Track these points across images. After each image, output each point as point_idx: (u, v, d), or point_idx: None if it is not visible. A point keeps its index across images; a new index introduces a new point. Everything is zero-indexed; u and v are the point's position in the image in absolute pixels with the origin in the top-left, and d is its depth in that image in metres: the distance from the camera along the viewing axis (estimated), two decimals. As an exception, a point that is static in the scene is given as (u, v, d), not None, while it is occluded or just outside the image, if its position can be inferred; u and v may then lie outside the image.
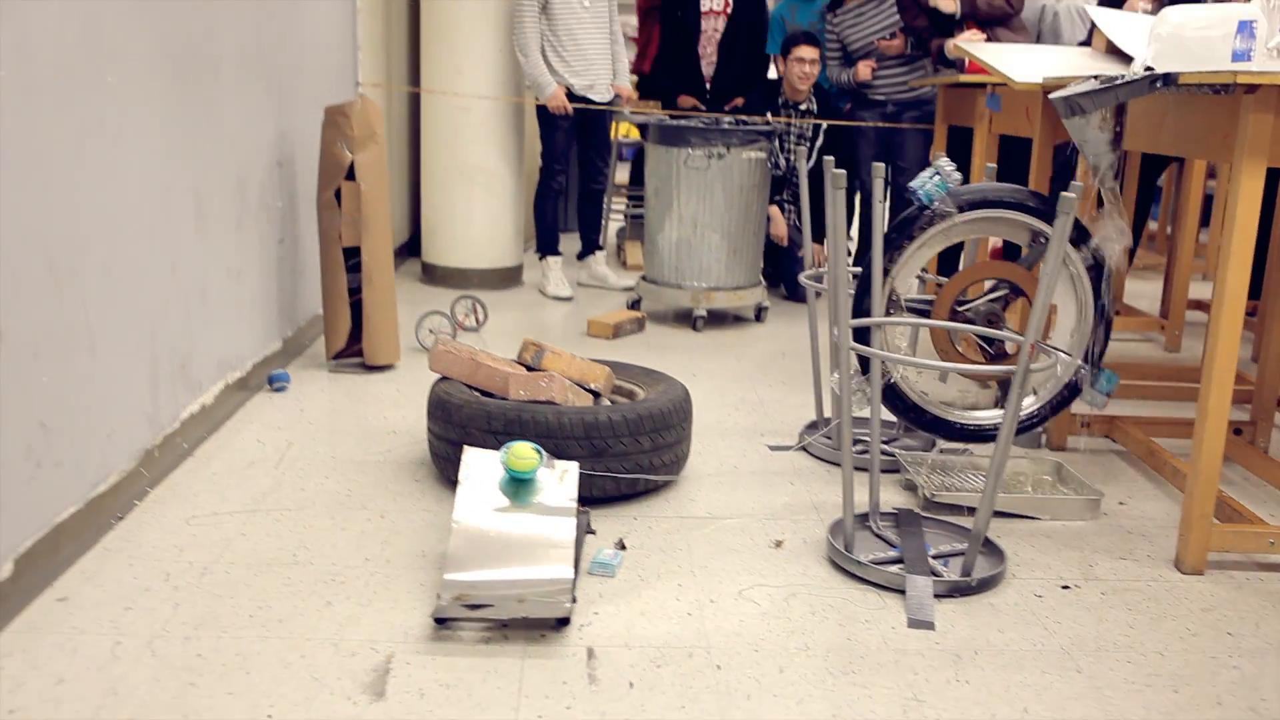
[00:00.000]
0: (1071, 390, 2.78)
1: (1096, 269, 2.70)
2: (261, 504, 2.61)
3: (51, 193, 2.18)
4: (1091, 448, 3.24)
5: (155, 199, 2.67)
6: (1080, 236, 2.70)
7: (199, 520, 2.51)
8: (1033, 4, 4.75)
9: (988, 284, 2.96)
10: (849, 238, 4.90)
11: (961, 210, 2.66)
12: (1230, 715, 1.87)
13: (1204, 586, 2.36)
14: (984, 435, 2.88)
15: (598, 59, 5.02)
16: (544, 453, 2.32)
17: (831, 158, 2.92)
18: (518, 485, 2.30)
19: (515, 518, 2.22)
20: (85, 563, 2.27)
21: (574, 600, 2.12)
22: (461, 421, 2.63)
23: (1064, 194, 1.98)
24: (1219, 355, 2.29)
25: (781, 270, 5.31)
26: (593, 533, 2.38)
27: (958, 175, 2.63)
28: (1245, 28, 2.34)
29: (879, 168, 2.40)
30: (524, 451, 2.30)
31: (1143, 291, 5.84)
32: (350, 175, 3.60)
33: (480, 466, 2.33)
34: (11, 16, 2.01)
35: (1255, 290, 4.04)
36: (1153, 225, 7.39)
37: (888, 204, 5.07)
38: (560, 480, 2.32)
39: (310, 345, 4.06)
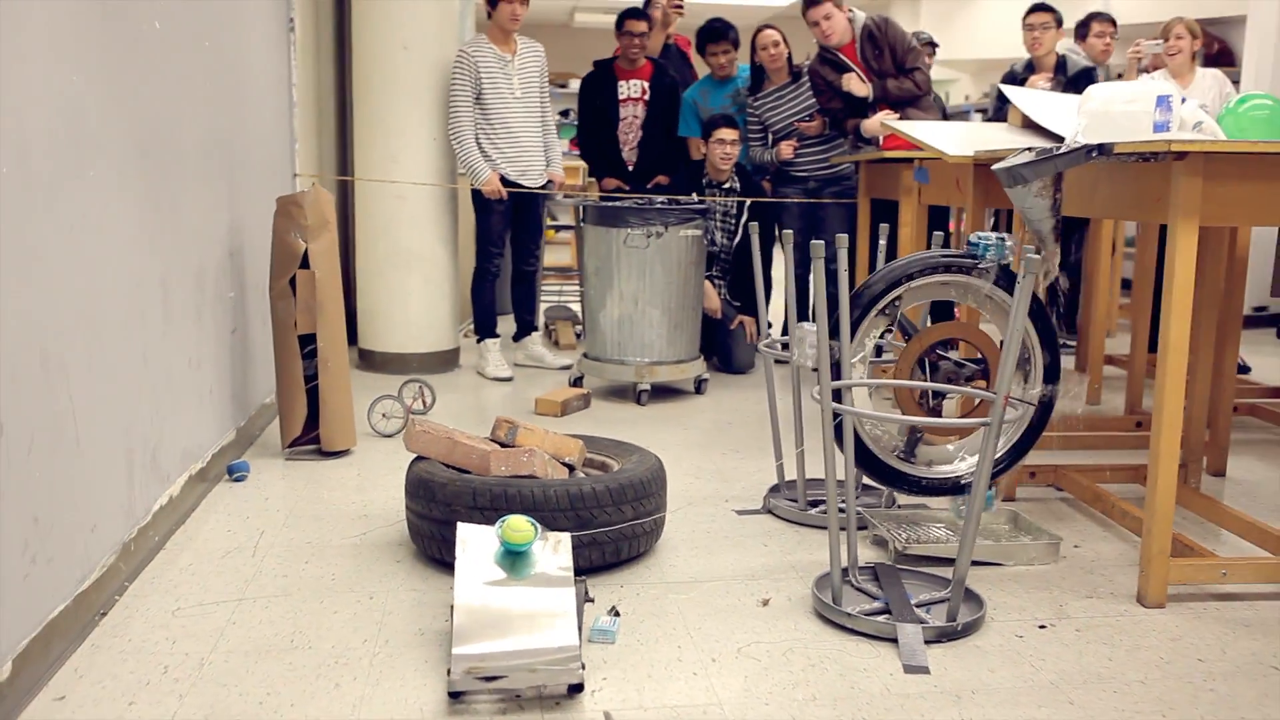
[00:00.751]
0: (1019, 447, 2.93)
1: (1044, 408, 2.87)
2: (246, 592, 2.59)
3: (45, 286, 2.18)
4: (1037, 496, 3.41)
5: (130, 290, 2.68)
6: (1051, 377, 2.86)
7: (185, 611, 2.48)
8: None
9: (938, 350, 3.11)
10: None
11: (993, 283, 2.77)
12: (1215, 734, 2.00)
13: (1168, 619, 2.50)
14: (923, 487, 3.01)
15: (530, 146, 5.16)
16: (538, 525, 2.37)
17: (790, 231, 3.07)
18: (514, 558, 2.33)
19: (516, 590, 2.26)
20: (77, 660, 2.23)
21: (583, 667, 2.15)
22: (446, 499, 2.66)
23: (1028, 256, 2.15)
24: (1167, 402, 2.46)
25: (715, 343, 5.45)
26: (591, 600, 2.43)
27: (1012, 259, 2.74)
28: (1163, 102, 2.56)
29: (842, 238, 2.54)
30: (519, 525, 2.34)
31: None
32: (304, 263, 3.63)
33: (476, 542, 2.36)
34: (10, 111, 2.04)
35: (1155, 344, 4.31)
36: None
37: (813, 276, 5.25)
38: (555, 551, 2.36)
39: (261, 434, 4.03)
